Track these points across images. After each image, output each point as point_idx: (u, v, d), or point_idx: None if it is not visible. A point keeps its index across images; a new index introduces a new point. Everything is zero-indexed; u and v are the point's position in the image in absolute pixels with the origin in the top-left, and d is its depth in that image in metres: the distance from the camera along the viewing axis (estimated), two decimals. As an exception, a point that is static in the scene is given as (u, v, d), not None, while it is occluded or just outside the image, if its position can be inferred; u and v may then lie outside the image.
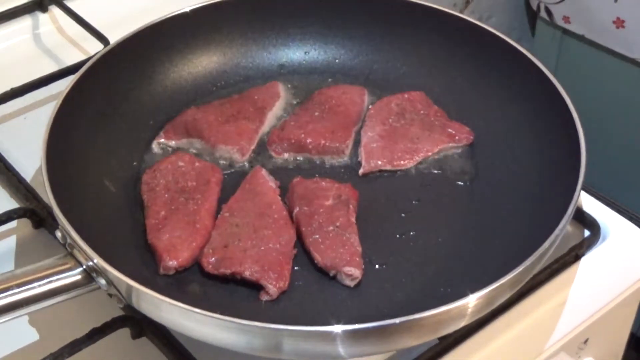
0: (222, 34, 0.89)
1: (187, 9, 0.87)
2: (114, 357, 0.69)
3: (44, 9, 1.02)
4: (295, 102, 0.87)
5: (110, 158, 0.78)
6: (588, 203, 0.80)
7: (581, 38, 1.39)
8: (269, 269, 0.69)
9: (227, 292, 0.70)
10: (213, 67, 0.89)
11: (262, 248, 0.70)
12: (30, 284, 0.62)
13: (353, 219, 0.74)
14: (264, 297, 0.68)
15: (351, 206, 0.75)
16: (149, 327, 0.69)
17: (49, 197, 0.66)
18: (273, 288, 0.68)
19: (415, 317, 0.59)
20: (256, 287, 0.69)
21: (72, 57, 0.95)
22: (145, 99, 0.84)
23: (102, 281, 0.63)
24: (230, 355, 0.63)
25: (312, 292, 0.70)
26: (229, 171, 0.80)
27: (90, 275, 0.64)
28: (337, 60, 0.90)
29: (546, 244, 0.64)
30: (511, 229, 0.72)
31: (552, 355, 0.76)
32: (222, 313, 0.59)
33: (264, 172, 0.78)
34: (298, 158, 0.82)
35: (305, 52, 0.91)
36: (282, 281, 0.69)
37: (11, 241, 0.79)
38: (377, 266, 0.72)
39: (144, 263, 0.71)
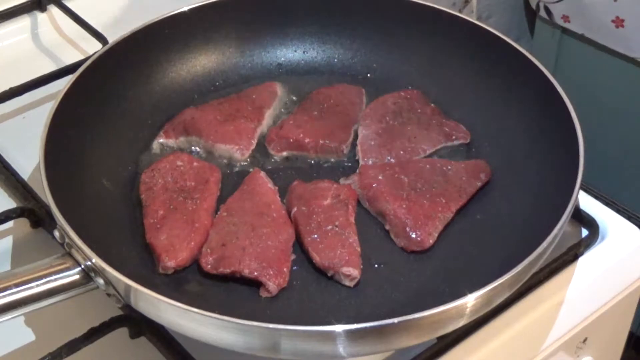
0: (220, 34, 0.89)
1: (186, 9, 0.86)
2: (113, 356, 0.69)
3: (42, 8, 1.02)
4: (293, 102, 0.87)
5: (109, 157, 0.78)
6: (587, 202, 0.80)
7: (580, 37, 1.39)
8: (267, 266, 0.69)
9: (226, 291, 0.70)
10: (211, 66, 0.88)
11: (261, 246, 0.70)
12: (29, 283, 0.62)
13: (352, 219, 0.74)
14: (264, 294, 0.68)
15: (350, 206, 0.75)
16: (147, 326, 0.69)
17: (47, 197, 0.66)
18: (272, 285, 0.68)
19: (414, 317, 0.59)
20: (256, 284, 0.69)
21: (70, 57, 0.95)
22: (144, 98, 0.84)
23: (101, 281, 0.63)
24: (229, 355, 0.63)
25: (310, 292, 0.70)
26: (227, 171, 0.80)
27: (88, 274, 0.64)
28: (335, 60, 0.90)
29: (544, 244, 0.64)
30: (509, 228, 0.72)
31: (550, 354, 0.76)
32: (220, 313, 0.59)
33: (262, 173, 0.78)
34: (296, 157, 0.82)
35: (303, 52, 0.91)
36: (282, 277, 0.69)
37: (9, 241, 0.79)
38: (375, 265, 0.72)
39: (142, 263, 0.71)
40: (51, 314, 0.67)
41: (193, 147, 0.82)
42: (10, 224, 0.78)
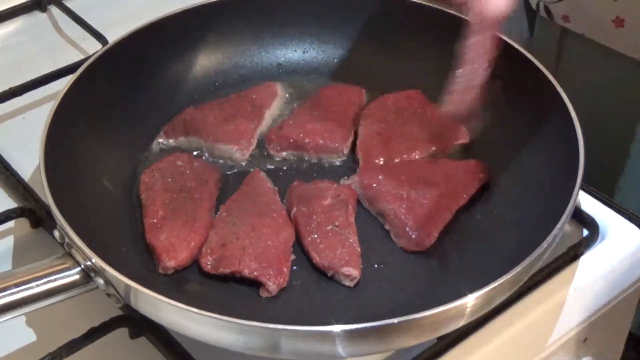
0: (220, 34, 0.89)
1: (186, 9, 0.86)
2: (112, 356, 0.69)
3: (42, 8, 1.02)
4: (293, 102, 0.87)
5: (109, 157, 0.78)
6: (587, 202, 0.80)
7: (580, 37, 1.38)
8: (267, 266, 0.69)
9: (226, 290, 0.70)
10: (211, 66, 0.88)
11: (261, 246, 0.70)
12: (29, 283, 0.62)
13: (352, 219, 0.74)
14: (264, 294, 0.68)
15: (350, 206, 0.75)
16: (147, 326, 0.68)
17: (47, 197, 0.66)
18: (272, 285, 0.68)
19: (414, 317, 0.59)
20: (256, 284, 0.69)
21: (70, 57, 0.95)
22: (144, 98, 0.84)
23: (100, 281, 0.63)
24: (229, 355, 0.63)
25: (310, 292, 0.70)
26: (227, 171, 0.80)
27: (88, 274, 0.63)
28: (335, 60, 0.90)
29: (545, 244, 0.64)
30: (509, 229, 0.72)
31: (551, 354, 0.76)
32: (220, 313, 0.59)
33: (262, 174, 0.78)
34: (296, 157, 0.82)
35: (303, 52, 0.91)
36: (282, 277, 0.69)
37: (9, 241, 0.79)
38: (375, 265, 0.72)
39: (142, 263, 0.71)
40: (51, 314, 0.67)
41: (193, 147, 0.82)
42: (10, 224, 0.78)
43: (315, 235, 0.72)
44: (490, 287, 0.61)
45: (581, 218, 0.78)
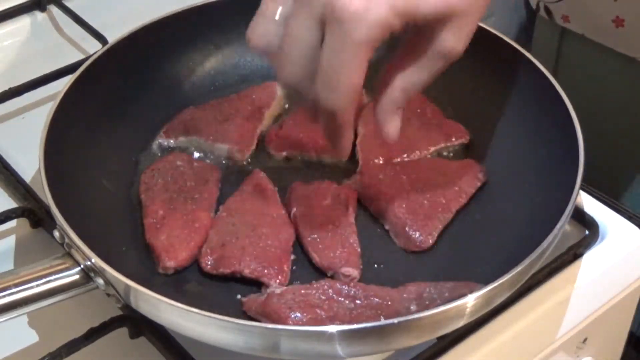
0: (220, 34, 0.88)
1: (186, 9, 0.86)
2: (112, 356, 0.69)
3: (42, 8, 1.02)
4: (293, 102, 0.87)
5: (109, 158, 0.78)
6: (587, 202, 0.80)
7: (581, 37, 1.38)
8: (268, 266, 0.69)
9: (226, 290, 0.70)
10: (211, 66, 0.88)
11: (261, 245, 0.70)
12: (28, 283, 0.62)
13: (352, 219, 0.74)
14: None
15: (350, 206, 0.75)
16: (147, 326, 0.68)
17: (46, 197, 0.66)
18: (273, 284, 0.68)
19: (414, 317, 0.59)
20: (256, 284, 0.69)
21: (70, 57, 0.95)
22: (144, 98, 0.84)
23: (100, 281, 0.63)
24: (229, 355, 0.63)
25: (310, 292, 0.70)
26: (227, 171, 0.80)
27: (88, 275, 0.63)
28: (335, 60, 0.90)
29: (544, 244, 0.64)
30: (509, 229, 0.72)
31: (550, 354, 0.76)
32: (220, 313, 0.59)
33: (262, 174, 0.78)
34: (296, 157, 0.82)
35: (303, 52, 0.90)
36: (282, 277, 0.69)
37: (9, 241, 0.79)
38: (375, 266, 0.72)
39: (142, 263, 0.71)
40: (50, 315, 0.67)
41: (193, 147, 0.82)
42: (10, 224, 0.78)
43: (315, 235, 0.72)
44: (490, 287, 0.61)
45: (581, 218, 0.78)
